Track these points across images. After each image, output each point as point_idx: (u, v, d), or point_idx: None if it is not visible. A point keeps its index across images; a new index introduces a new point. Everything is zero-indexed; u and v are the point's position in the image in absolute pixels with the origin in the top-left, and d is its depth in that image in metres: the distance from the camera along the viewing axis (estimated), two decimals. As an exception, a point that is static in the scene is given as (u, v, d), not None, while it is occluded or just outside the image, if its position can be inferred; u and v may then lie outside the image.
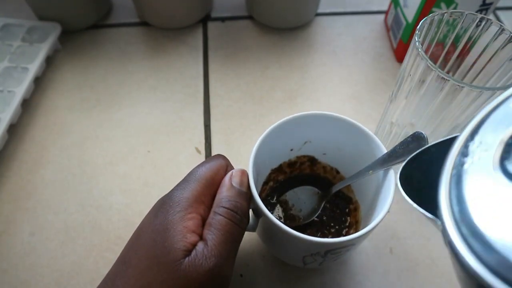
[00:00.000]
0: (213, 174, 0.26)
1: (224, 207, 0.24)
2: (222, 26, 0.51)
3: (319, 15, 0.53)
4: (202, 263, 0.22)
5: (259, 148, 0.28)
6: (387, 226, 0.35)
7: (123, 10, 0.53)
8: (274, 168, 0.34)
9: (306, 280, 0.33)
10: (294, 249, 0.27)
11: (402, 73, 0.31)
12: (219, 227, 0.24)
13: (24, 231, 0.35)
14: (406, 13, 0.44)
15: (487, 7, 0.39)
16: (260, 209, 0.25)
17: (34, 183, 0.38)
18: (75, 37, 0.49)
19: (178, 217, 0.23)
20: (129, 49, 0.49)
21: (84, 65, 0.47)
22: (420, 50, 0.27)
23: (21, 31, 0.46)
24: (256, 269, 0.33)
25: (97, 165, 0.39)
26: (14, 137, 0.41)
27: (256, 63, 0.47)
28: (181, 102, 0.44)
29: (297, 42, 0.50)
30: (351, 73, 0.47)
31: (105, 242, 0.35)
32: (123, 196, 0.37)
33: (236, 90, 0.45)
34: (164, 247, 0.22)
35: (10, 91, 0.41)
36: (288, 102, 0.44)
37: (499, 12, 0.53)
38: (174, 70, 0.47)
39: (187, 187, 0.25)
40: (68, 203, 0.37)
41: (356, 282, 0.33)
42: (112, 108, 0.43)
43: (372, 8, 0.54)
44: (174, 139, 0.41)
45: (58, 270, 0.33)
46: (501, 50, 0.29)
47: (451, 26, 0.31)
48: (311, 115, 0.30)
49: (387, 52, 0.49)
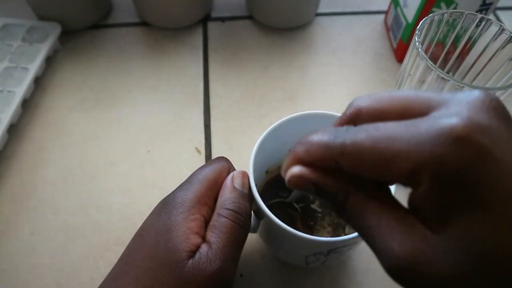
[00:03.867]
0: (216, 176, 0.26)
1: (228, 209, 0.24)
2: (222, 26, 0.51)
3: (319, 15, 0.53)
4: (207, 266, 0.22)
5: (259, 148, 0.28)
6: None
7: (123, 10, 0.53)
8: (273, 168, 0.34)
9: (307, 280, 0.33)
10: (297, 249, 0.27)
11: (402, 73, 0.31)
12: (224, 230, 0.23)
13: (24, 231, 0.35)
14: (406, 13, 0.44)
15: (487, 7, 0.39)
16: (262, 210, 0.25)
17: (34, 183, 0.38)
18: (75, 37, 0.49)
19: (181, 218, 0.23)
20: (129, 49, 0.49)
21: (84, 65, 0.47)
22: (420, 50, 0.27)
23: (21, 31, 0.46)
24: (256, 269, 0.33)
25: (97, 165, 0.39)
26: (14, 137, 0.41)
27: (256, 63, 0.47)
28: (181, 102, 0.44)
29: (297, 42, 0.50)
30: (351, 73, 0.47)
31: (105, 242, 0.34)
32: (123, 196, 0.37)
33: (236, 90, 0.45)
34: (167, 248, 0.22)
35: (10, 91, 0.41)
36: (288, 102, 0.44)
37: (499, 12, 0.53)
38: (174, 70, 0.47)
39: (190, 188, 0.25)
40: (68, 203, 0.37)
41: (356, 282, 0.33)
42: (112, 108, 0.43)
43: (372, 8, 0.54)
44: (174, 139, 0.41)
45: (58, 270, 0.33)
46: (501, 50, 0.29)
47: (451, 26, 0.31)
48: (311, 114, 0.30)
49: (387, 52, 0.49)
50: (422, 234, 0.15)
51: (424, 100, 0.16)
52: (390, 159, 0.14)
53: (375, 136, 0.15)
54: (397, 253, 0.15)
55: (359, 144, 0.15)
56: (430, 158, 0.14)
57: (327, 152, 0.16)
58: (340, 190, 0.17)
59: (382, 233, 0.15)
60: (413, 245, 0.14)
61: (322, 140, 0.17)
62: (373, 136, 0.15)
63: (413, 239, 0.15)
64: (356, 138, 0.15)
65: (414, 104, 0.16)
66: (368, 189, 0.17)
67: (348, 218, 0.17)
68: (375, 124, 0.16)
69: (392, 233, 0.15)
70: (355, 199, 0.17)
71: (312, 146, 0.17)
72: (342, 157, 0.16)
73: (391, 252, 0.15)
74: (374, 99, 0.17)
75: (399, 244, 0.15)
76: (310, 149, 0.17)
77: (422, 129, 0.14)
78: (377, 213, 0.16)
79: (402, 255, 0.14)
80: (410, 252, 0.14)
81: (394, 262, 0.15)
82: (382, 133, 0.15)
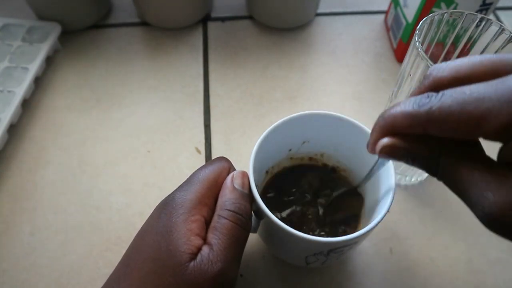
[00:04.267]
0: (216, 176, 0.26)
1: (229, 210, 0.24)
2: (222, 26, 0.51)
3: (319, 15, 0.53)
4: (208, 268, 0.22)
5: (259, 148, 0.28)
6: (387, 226, 0.35)
7: (123, 10, 0.53)
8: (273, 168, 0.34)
9: (306, 280, 0.33)
10: (297, 249, 0.27)
11: (402, 73, 0.31)
12: (225, 231, 0.23)
13: (24, 231, 0.35)
14: (406, 13, 0.44)
15: (487, 7, 0.39)
16: (262, 210, 0.25)
17: (34, 183, 0.38)
18: (75, 37, 0.49)
19: (182, 219, 0.23)
20: (129, 49, 0.49)
21: (84, 65, 0.47)
22: (420, 50, 0.27)
23: (21, 31, 0.46)
24: (257, 269, 0.33)
25: (97, 165, 0.39)
26: (14, 137, 0.41)
27: (256, 63, 0.47)
28: (181, 102, 0.44)
29: (297, 42, 0.50)
30: (351, 73, 0.47)
31: (105, 242, 0.34)
32: (123, 196, 0.37)
33: (236, 90, 0.45)
34: (168, 250, 0.22)
35: (10, 91, 0.41)
36: (288, 102, 0.44)
37: (499, 12, 0.53)
38: (174, 70, 0.47)
39: (190, 189, 0.25)
40: (68, 203, 0.37)
41: (356, 282, 0.33)
42: (112, 108, 0.43)
43: (372, 8, 0.54)
44: (174, 139, 0.41)
45: (58, 270, 0.33)
46: (501, 50, 0.29)
47: (451, 26, 0.31)
48: (311, 114, 0.30)
49: (387, 52, 0.49)
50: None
51: (509, 61, 0.16)
52: (481, 117, 0.15)
53: (463, 99, 0.15)
54: (493, 201, 0.15)
55: (447, 108, 0.16)
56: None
57: (415, 121, 0.17)
58: (432, 152, 0.18)
59: (476, 185, 0.16)
60: (509, 194, 0.15)
61: (407, 110, 0.17)
62: (460, 98, 0.15)
63: (508, 188, 0.15)
64: (443, 103, 0.16)
65: (498, 66, 0.16)
66: (459, 147, 0.17)
67: (442, 177, 0.18)
68: (460, 88, 0.16)
69: (486, 184, 0.15)
70: (448, 158, 0.17)
71: (398, 118, 0.18)
72: (430, 123, 0.16)
73: (487, 201, 0.15)
74: (455, 67, 0.17)
75: (493, 193, 0.15)
76: (396, 120, 0.18)
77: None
78: (470, 167, 0.16)
79: (498, 204, 0.15)
80: (506, 200, 0.15)
81: (490, 211, 0.15)
82: (469, 95, 0.15)
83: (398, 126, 0.18)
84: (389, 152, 0.19)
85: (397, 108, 0.18)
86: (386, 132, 0.19)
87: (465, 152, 0.17)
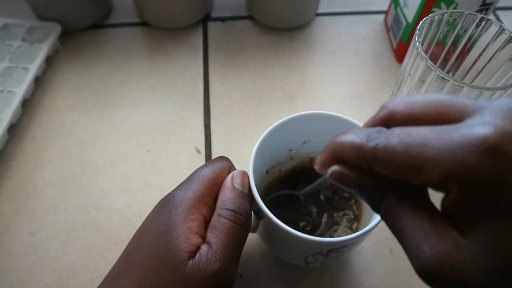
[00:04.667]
0: (216, 176, 0.26)
1: (228, 209, 0.24)
2: (222, 26, 0.51)
3: (319, 15, 0.53)
4: (207, 267, 0.22)
5: (259, 148, 0.28)
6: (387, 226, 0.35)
7: (123, 10, 0.53)
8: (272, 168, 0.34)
9: (306, 280, 0.33)
10: (297, 249, 0.27)
11: (402, 73, 0.31)
12: (224, 231, 0.23)
13: (24, 231, 0.35)
14: (406, 13, 0.44)
15: (487, 7, 0.39)
16: (262, 210, 0.25)
17: (34, 183, 0.38)
18: (75, 37, 0.49)
19: (181, 218, 0.23)
20: (129, 49, 0.49)
21: (84, 65, 0.47)
22: (420, 50, 0.27)
23: (21, 31, 0.46)
24: (256, 269, 0.33)
25: (97, 165, 0.39)
26: (14, 137, 0.41)
27: (256, 63, 0.47)
28: (181, 102, 0.44)
29: (297, 42, 0.50)
30: (351, 73, 0.47)
31: (105, 242, 0.35)
32: (123, 196, 0.37)
33: (236, 90, 0.45)
34: (167, 248, 0.22)
35: (10, 91, 0.41)
36: (288, 102, 0.44)
37: (499, 12, 0.53)
38: (174, 70, 0.47)
39: (190, 188, 0.25)
40: (68, 203, 0.37)
41: (356, 282, 0.33)
42: (112, 108, 0.43)
43: (372, 8, 0.54)
44: (174, 139, 0.41)
45: (58, 270, 0.33)
46: (501, 50, 0.29)
47: (451, 26, 0.31)
48: (311, 114, 0.30)
49: (387, 52, 0.49)
50: (453, 238, 0.15)
51: (459, 106, 0.16)
52: (421, 165, 0.15)
53: (407, 142, 0.15)
54: (428, 255, 0.15)
55: (391, 149, 0.16)
56: (461, 166, 0.14)
57: (360, 155, 0.17)
58: (377, 190, 0.17)
59: (414, 235, 0.16)
60: (444, 248, 0.15)
61: (355, 141, 0.17)
62: (405, 142, 0.15)
63: (444, 243, 0.15)
64: (388, 143, 0.16)
65: (448, 110, 0.16)
66: (404, 190, 0.17)
67: (383, 217, 0.18)
68: (407, 129, 0.16)
69: (424, 235, 0.15)
70: (390, 200, 0.17)
71: (346, 147, 0.18)
72: (373, 160, 0.16)
73: (422, 253, 0.15)
74: (409, 104, 0.17)
75: (430, 246, 0.15)
76: (344, 149, 0.18)
77: (455, 137, 0.14)
78: (411, 215, 0.16)
79: (432, 258, 0.15)
80: (440, 255, 0.15)
81: (424, 263, 0.15)
82: (414, 139, 0.15)
83: (346, 156, 0.18)
84: (337, 179, 0.19)
85: (348, 136, 0.18)
86: (335, 158, 0.18)
87: (409, 194, 0.17)
